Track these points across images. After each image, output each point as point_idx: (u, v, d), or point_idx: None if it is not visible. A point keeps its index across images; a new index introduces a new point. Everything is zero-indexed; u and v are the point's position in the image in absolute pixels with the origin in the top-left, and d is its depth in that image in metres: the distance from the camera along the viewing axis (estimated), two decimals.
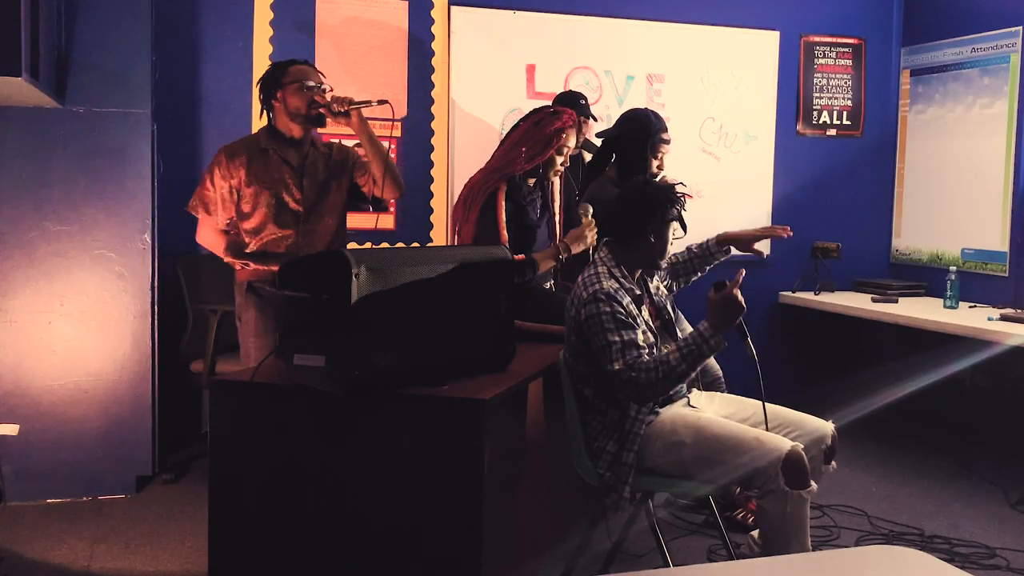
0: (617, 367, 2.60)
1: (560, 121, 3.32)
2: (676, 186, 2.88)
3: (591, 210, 3.42)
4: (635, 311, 2.72)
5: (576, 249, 3.36)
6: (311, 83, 3.23)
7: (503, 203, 3.28)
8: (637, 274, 2.86)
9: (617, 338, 2.63)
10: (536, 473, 2.90)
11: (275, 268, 3.18)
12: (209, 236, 3.31)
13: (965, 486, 4.18)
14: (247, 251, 3.25)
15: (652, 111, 3.87)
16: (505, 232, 3.26)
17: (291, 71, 3.25)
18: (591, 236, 3.37)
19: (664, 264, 2.94)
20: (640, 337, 2.66)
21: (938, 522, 3.72)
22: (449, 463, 2.27)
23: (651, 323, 2.80)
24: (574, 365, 2.76)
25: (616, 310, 2.65)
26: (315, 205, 3.27)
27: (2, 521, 3.58)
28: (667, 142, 3.78)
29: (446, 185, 4.76)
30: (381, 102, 3.24)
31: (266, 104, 3.28)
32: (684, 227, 3.67)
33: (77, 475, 3.85)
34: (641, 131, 3.72)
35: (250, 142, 3.28)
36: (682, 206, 2.83)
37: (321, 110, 3.21)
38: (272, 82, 3.25)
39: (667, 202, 2.78)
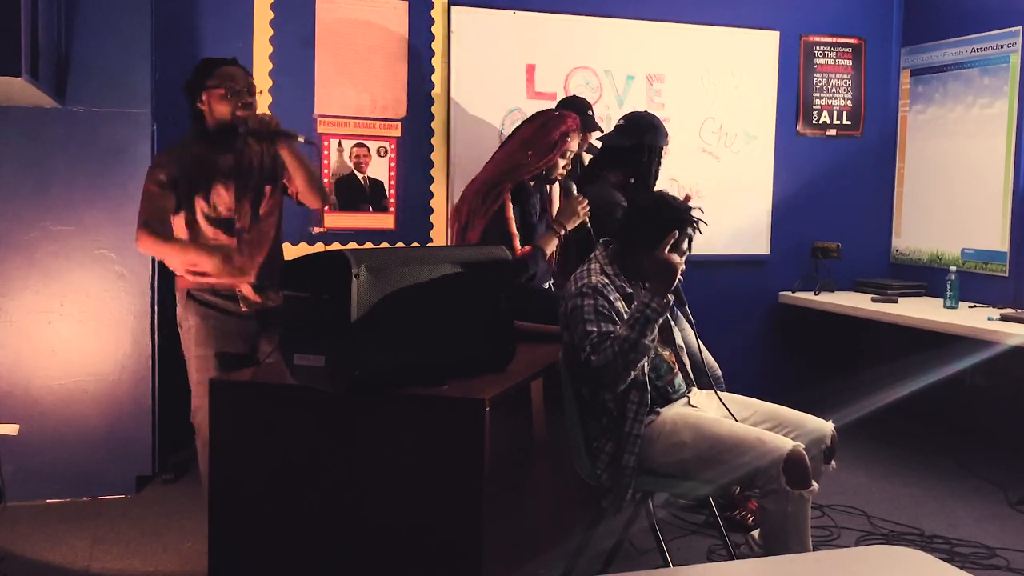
0: (585, 353, 2.62)
1: (565, 125, 3.34)
2: (694, 210, 2.81)
3: (575, 187, 3.44)
4: (623, 308, 2.72)
5: (570, 224, 3.35)
6: (237, 89, 3.03)
7: (511, 206, 3.28)
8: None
9: (594, 328, 2.63)
10: (536, 473, 2.90)
11: (212, 281, 3.07)
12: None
13: (965, 486, 4.18)
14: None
15: (654, 115, 3.88)
16: (517, 236, 3.27)
17: (216, 73, 3.04)
18: (582, 210, 3.35)
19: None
20: (615, 328, 2.66)
21: (938, 522, 3.72)
22: (449, 463, 2.27)
23: None
24: (571, 363, 2.76)
25: (599, 303, 2.66)
26: (253, 209, 3.13)
27: (2, 521, 3.58)
28: (666, 146, 3.82)
29: (446, 185, 4.76)
30: (307, 142, 3.07)
31: (191, 103, 3.10)
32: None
33: (77, 475, 3.85)
34: (652, 135, 3.73)
35: (182, 147, 3.09)
36: (695, 230, 2.79)
37: (241, 130, 3.02)
38: (197, 83, 3.06)
39: (680, 227, 2.75)
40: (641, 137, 3.73)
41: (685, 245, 2.81)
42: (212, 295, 3.11)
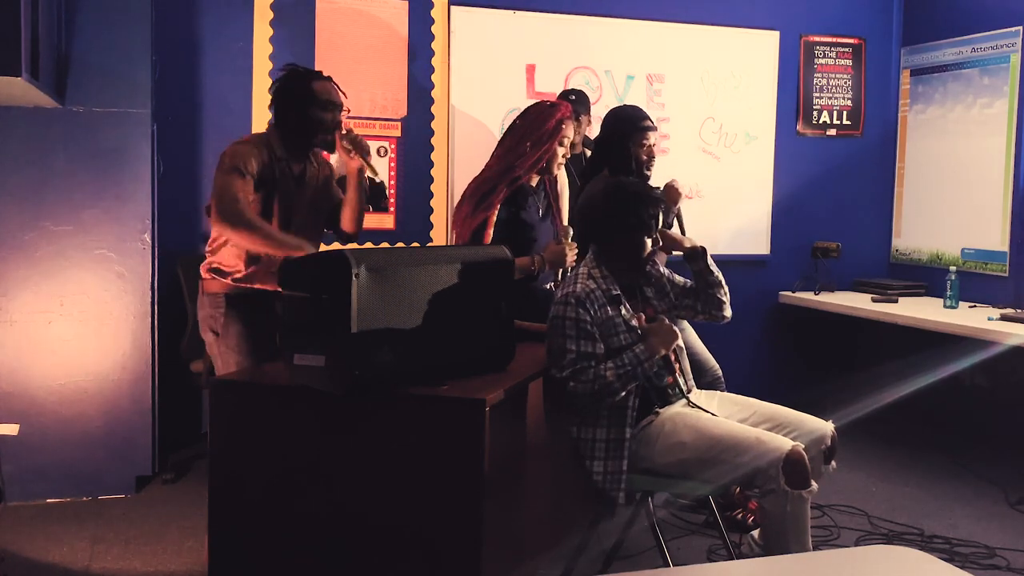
0: (564, 374, 2.63)
1: (560, 112, 3.35)
2: (652, 189, 2.85)
3: (571, 232, 3.35)
4: (608, 313, 2.72)
5: (551, 267, 3.30)
6: (334, 103, 3.07)
7: (496, 214, 3.28)
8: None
9: (573, 347, 2.65)
10: (536, 473, 2.90)
11: (257, 286, 3.02)
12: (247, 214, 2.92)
13: (965, 486, 4.18)
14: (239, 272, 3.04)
15: (629, 105, 3.87)
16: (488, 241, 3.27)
17: (317, 89, 3.04)
18: (571, 256, 3.30)
19: (643, 266, 2.86)
20: (595, 349, 2.66)
21: (938, 522, 3.72)
22: (449, 463, 2.27)
23: (631, 323, 2.77)
24: None
25: (581, 317, 2.66)
26: (303, 222, 3.12)
27: (2, 521, 3.58)
28: (650, 129, 3.72)
29: (446, 185, 4.76)
30: (379, 183, 3.14)
31: (281, 114, 3.08)
32: (683, 232, 3.64)
33: (77, 475, 3.85)
34: (619, 125, 3.72)
35: (264, 143, 3.06)
36: (654, 205, 2.78)
37: (332, 137, 3.06)
38: (300, 97, 3.05)
39: (634, 204, 2.76)
40: (612, 128, 3.74)
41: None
42: (255, 299, 3.03)
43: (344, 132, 3.10)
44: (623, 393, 2.65)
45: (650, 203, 2.78)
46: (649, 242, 2.80)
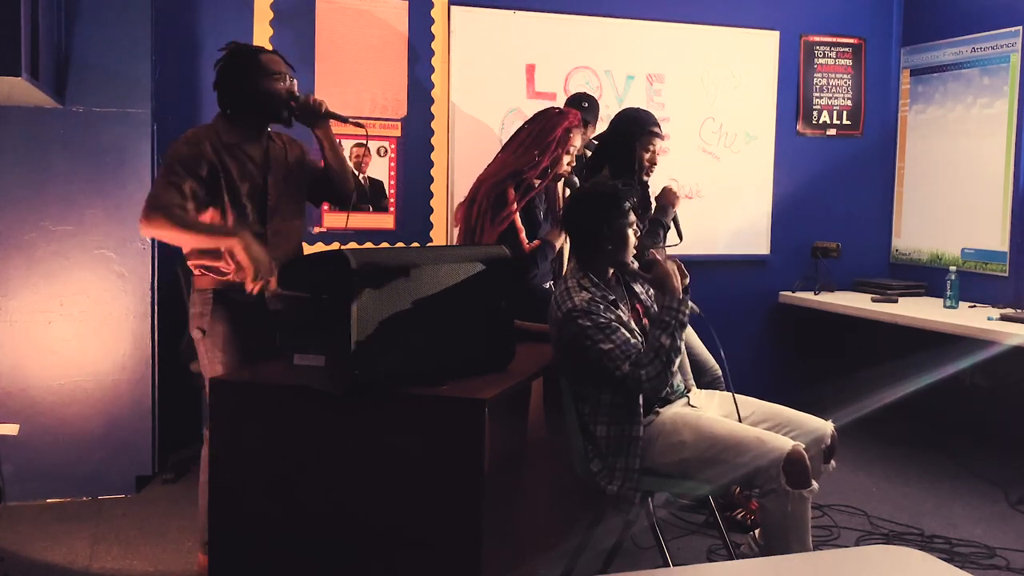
0: (626, 369, 2.61)
1: (567, 121, 3.37)
2: (624, 183, 2.88)
3: (578, 181, 3.48)
4: (612, 315, 2.71)
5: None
6: (283, 73, 2.95)
7: (516, 208, 3.30)
8: (610, 275, 2.85)
9: (609, 344, 2.62)
10: (536, 473, 2.90)
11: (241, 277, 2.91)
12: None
13: (965, 486, 4.18)
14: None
15: (642, 109, 3.88)
16: (523, 231, 3.29)
17: (263, 60, 2.94)
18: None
19: (630, 258, 2.85)
20: (627, 334, 2.66)
21: (938, 522, 3.72)
22: (449, 463, 2.27)
23: (632, 323, 2.76)
24: (566, 382, 2.75)
25: (596, 321, 2.64)
26: (279, 204, 3.01)
27: (2, 521, 3.58)
28: (657, 136, 3.73)
29: (446, 185, 4.75)
30: (356, 123, 3.03)
31: (231, 92, 2.96)
32: (680, 234, 3.68)
33: (77, 475, 3.85)
34: (628, 128, 3.73)
35: (207, 137, 2.92)
36: (630, 197, 2.81)
37: (291, 103, 2.94)
38: (250, 71, 2.93)
39: (614, 198, 2.77)
40: (621, 128, 3.75)
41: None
42: (243, 294, 2.89)
43: (295, 100, 2.96)
44: (680, 343, 2.64)
45: (626, 197, 2.79)
46: (632, 234, 2.81)
